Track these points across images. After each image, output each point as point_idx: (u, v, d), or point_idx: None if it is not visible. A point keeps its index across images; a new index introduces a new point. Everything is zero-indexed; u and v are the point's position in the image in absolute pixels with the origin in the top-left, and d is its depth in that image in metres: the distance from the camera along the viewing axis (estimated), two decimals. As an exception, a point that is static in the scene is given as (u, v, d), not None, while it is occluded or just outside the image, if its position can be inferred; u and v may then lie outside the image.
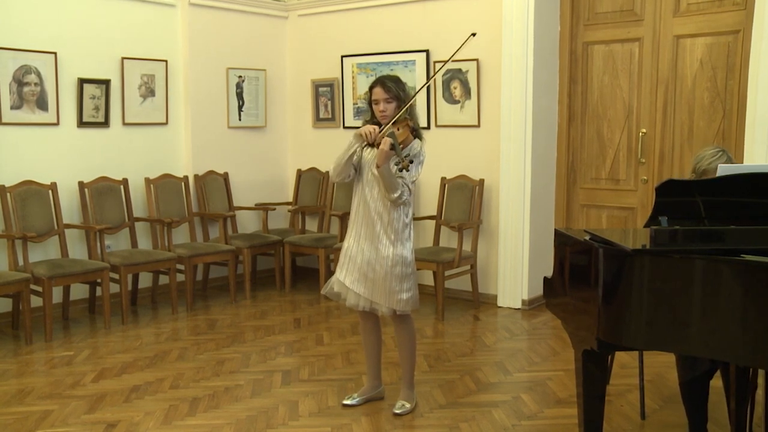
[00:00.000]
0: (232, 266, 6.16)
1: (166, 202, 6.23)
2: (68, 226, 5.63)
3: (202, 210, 6.54)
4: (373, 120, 3.66)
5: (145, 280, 6.23)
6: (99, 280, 5.45)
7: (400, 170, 3.30)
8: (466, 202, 6.06)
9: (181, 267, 5.96)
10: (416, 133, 3.64)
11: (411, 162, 3.34)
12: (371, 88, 3.64)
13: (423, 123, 6.36)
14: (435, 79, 6.25)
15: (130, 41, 6.18)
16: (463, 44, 3.70)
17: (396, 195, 3.50)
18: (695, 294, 2.51)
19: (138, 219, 6.06)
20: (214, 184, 6.67)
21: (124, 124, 6.15)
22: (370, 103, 3.66)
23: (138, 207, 6.19)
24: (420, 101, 6.40)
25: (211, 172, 6.68)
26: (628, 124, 5.78)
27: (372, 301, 3.67)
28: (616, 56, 5.79)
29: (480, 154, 6.15)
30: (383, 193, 3.53)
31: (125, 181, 6.01)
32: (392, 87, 3.60)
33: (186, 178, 6.45)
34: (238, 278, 6.54)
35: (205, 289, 6.61)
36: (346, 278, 3.71)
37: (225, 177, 6.78)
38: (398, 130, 3.51)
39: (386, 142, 3.32)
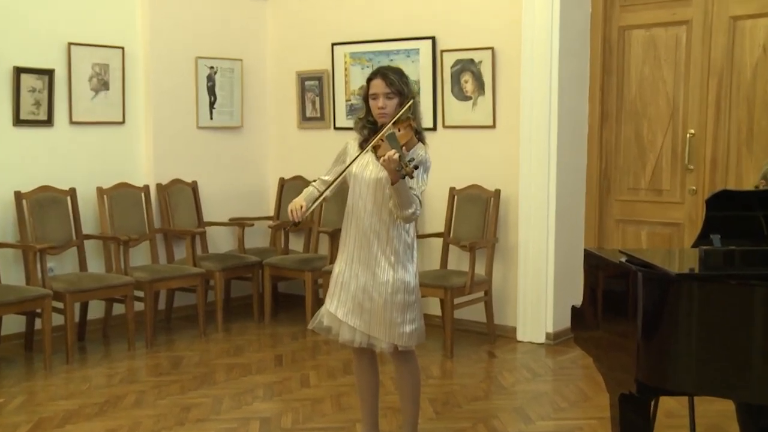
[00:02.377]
0: (202, 293, 6.18)
1: (123, 217, 6.24)
2: (1, 245, 5.62)
3: (165, 226, 6.56)
4: (368, 119, 3.70)
5: (95, 310, 6.18)
6: (39, 311, 5.39)
7: (403, 177, 3.35)
8: (479, 216, 6.08)
9: (140, 294, 5.93)
10: (420, 135, 3.67)
11: (416, 168, 3.36)
12: (369, 80, 3.67)
13: (428, 123, 6.39)
14: (442, 70, 6.29)
15: (79, 24, 6.16)
16: (406, 107, 3.60)
17: (410, 211, 3.52)
18: (757, 328, 2.50)
19: (88, 237, 6.06)
20: (180, 195, 6.69)
21: (72, 122, 6.14)
22: (366, 97, 3.69)
23: (88, 222, 6.18)
24: (424, 98, 6.42)
25: (176, 181, 6.70)
26: (672, 123, 5.79)
27: (369, 335, 3.69)
28: (659, 43, 5.81)
29: (495, 160, 6.17)
30: (395, 210, 3.55)
31: (72, 192, 6.00)
32: (395, 80, 3.62)
33: (146, 187, 6.47)
34: (208, 307, 6.49)
35: (168, 320, 6.60)
36: (339, 309, 3.72)
37: (193, 187, 6.80)
38: (399, 131, 3.54)
39: (393, 154, 3.34)
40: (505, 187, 6.10)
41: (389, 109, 3.62)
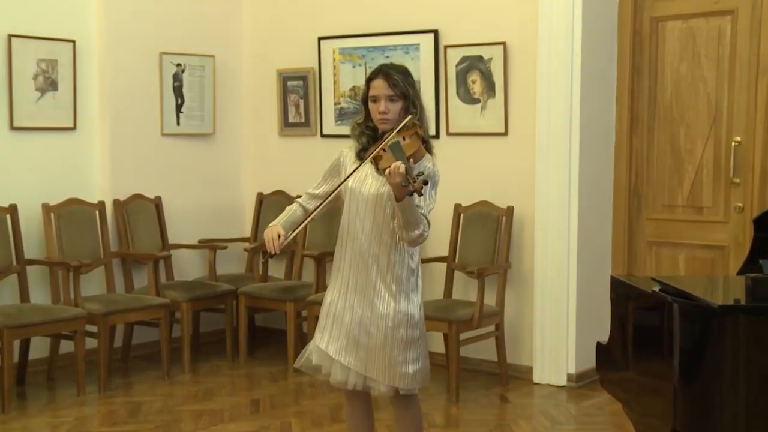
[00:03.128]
0: (166, 327, 6.15)
1: (73, 238, 6.21)
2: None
3: (123, 249, 6.54)
4: (367, 124, 3.73)
5: (39, 348, 6.09)
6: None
7: (410, 194, 3.36)
8: (488, 238, 6.08)
9: (93, 329, 5.88)
10: (427, 145, 3.70)
11: (425, 183, 3.38)
12: (370, 79, 3.70)
13: (431, 130, 6.25)
14: (446, 69, 6.31)
15: (22, 12, 6.14)
16: (402, 125, 3.65)
17: (417, 232, 3.54)
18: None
19: (31, 261, 6.03)
20: (141, 212, 6.68)
21: (12, 128, 6.14)
22: (365, 99, 3.72)
23: (32, 245, 6.16)
24: (426, 101, 6.27)
25: (137, 197, 6.69)
26: (715, 130, 5.78)
27: (366, 376, 3.70)
28: (699, 36, 5.82)
29: (508, 173, 6.17)
30: (399, 232, 3.57)
31: (13, 209, 5.98)
32: (399, 80, 3.65)
33: (101, 204, 6.46)
34: (173, 344, 6.42)
35: (125, 359, 6.56)
36: (330, 345, 3.74)
37: (157, 203, 6.80)
38: (404, 139, 3.56)
39: (399, 167, 3.36)
40: (518, 204, 6.10)
41: (392, 114, 3.65)
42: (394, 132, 3.59)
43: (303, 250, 6.78)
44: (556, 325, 5.95)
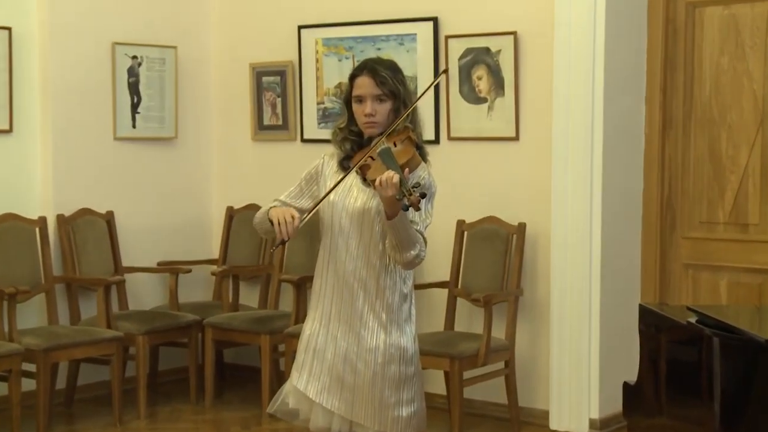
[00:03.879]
0: (118, 365, 6.12)
1: (9, 260, 6.19)
2: None
3: (69, 273, 6.52)
4: (350, 128, 3.75)
5: (-32, 389, 6.07)
6: None
7: (406, 209, 3.38)
8: (496, 260, 6.08)
9: (32, 368, 5.83)
10: (422, 152, 3.73)
11: (422, 196, 3.40)
12: (353, 77, 3.73)
13: (429, 134, 6.30)
14: (447, 63, 6.31)
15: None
16: (432, 84, 3.92)
17: (413, 253, 3.56)
18: None
19: (-41, 287, 5.96)
20: (89, 230, 6.66)
21: (-63, 131, 6.19)
22: (348, 100, 3.75)
23: (-40, 267, 6.13)
24: (423, 100, 6.26)
25: (85, 212, 6.67)
26: (762, 133, 5.76)
27: (352, 420, 3.70)
28: (743, 24, 5.78)
29: (519, 184, 6.18)
30: (393, 253, 3.59)
31: (-62, 225, 5.99)
32: (388, 77, 3.68)
33: (42, 220, 6.44)
34: (126, 384, 6.37)
35: (70, 403, 6.49)
36: (310, 386, 3.74)
37: (108, 219, 6.77)
38: (396, 145, 3.59)
39: (392, 177, 3.39)
40: (532, 220, 6.09)
41: (380, 116, 3.67)
42: (384, 137, 3.60)
43: (280, 273, 6.77)
44: (577, 362, 5.92)
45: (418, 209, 3.38)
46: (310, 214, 3.65)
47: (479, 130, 6.29)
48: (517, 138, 6.19)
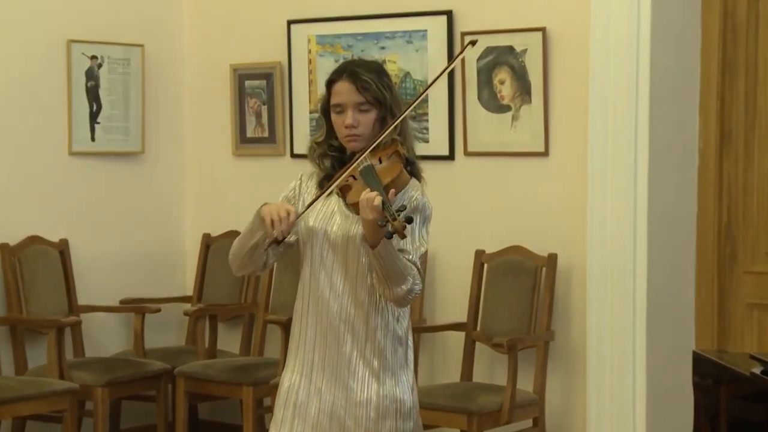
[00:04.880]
0: (73, 422, 6.09)
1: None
2: None
3: (14, 313, 6.52)
4: (330, 143, 3.78)
5: None
6: None
7: (389, 236, 3.37)
8: (522, 298, 6.10)
9: (-30, 424, 5.84)
10: (412, 168, 3.75)
11: (408, 221, 3.36)
12: (331, 82, 3.76)
13: (441, 148, 6.44)
14: (464, 64, 6.27)
15: None
16: (459, 55, 3.73)
17: (405, 287, 3.54)
18: None
19: None
20: (39, 262, 6.67)
21: None
22: (326, 110, 3.78)
23: None
24: (436, 108, 6.43)
25: (34, 240, 6.69)
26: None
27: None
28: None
29: (549, 208, 6.19)
30: (380, 288, 3.58)
31: None
32: (371, 82, 3.70)
33: (-17, 250, 6.45)
34: (83, 445, 6.48)
35: (16, 467, 6.54)
36: (290, 447, 3.74)
37: (62, 249, 6.79)
38: (381, 162, 3.62)
39: (374, 199, 3.40)
40: (564, 250, 6.12)
41: (363, 128, 3.67)
42: (366, 152, 3.59)
43: (266, 313, 6.78)
44: (619, 419, 5.89)
45: (403, 236, 3.34)
46: (307, 209, 3.66)
47: (501, 144, 6.29)
48: (546, 153, 6.19)
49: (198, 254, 7.26)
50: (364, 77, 3.65)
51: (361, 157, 3.58)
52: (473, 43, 3.91)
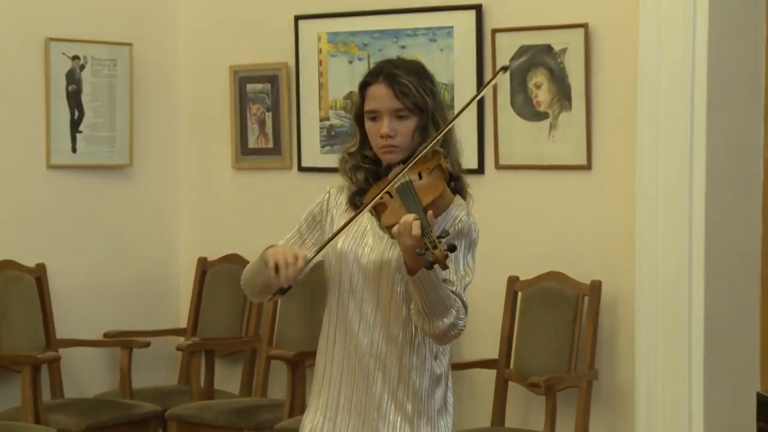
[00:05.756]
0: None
1: None
2: None
3: (-16, 347, 6.47)
4: (364, 153, 3.75)
5: None
6: None
7: (429, 266, 3.33)
8: (562, 331, 6.11)
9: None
10: (458, 185, 3.73)
11: (451, 249, 3.33)
12: (365, 85, 3.74)
13: (470, 161, 6.35)
14: (495, 66, 6.29)
15: None
16: (490, 81, 4.07)
17: (448, 322, 3.49)
18: None
19: None
20: (13, 289, 6.68)
21: None
22: (359, 116, 3.75)
23: None
24: (463, 116, 6.27)
25: (7, 265, 6.71)
26: None
27: None
28: None
29: (592, 229, 6.21)
30: (419, 322, 3.55)
31: None
32: (411, 86, 3.67)
33: (-51, 276, 6.43)
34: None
35: None
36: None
37: (39, 275, 6.81)
38: (421, 178, 3.60)
39: (411, 225, 3.33)
40: (609, 277, 6.12)
41: (401, 138, 3.65)
42: (404, 167, 3.56)
43: (270, 348, 6.76)
44: (671, 470, 5.86)
45: (445, 267, 3.32)
46: (318, 254, 3.61)
47: (538, 156, 6.30)
48: (588, 166, 6.20)
49: (193, 281, 7.26)
50: (403, 80, 3.62)
51: (398, 172, 3.56)
52: (505, 69, 3.89)
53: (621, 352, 6.08)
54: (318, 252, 3.60)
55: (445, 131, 3.60)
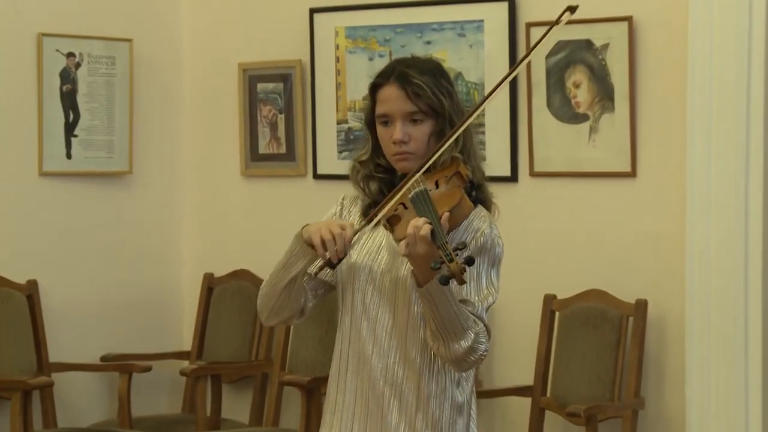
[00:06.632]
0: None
1: None
2: None
3: (-30, 372, 6.51)
4: (376, 161, 3.78)
5: None
6: None
7: (444, 281, 3.32)
8: (603, 356, 6.11)
9: None
10: (480, 193, 3.73)
11: (469, 262, 3.31)
12: (376, 86, 3.75)
13: (501, 168, 6.42)
14: (530, 63, 6.26)
15: None
16: (553, 27, 3.78)
17: (465, 345, 3.48)
18: None
19: None
20: (1, 308, 6.71)
21: None
22: (370, 120, 3.77)
23: None
24: (494, 118, 6.43)
25: None
26: None
27: None
28: None
29: (636, 242, 6.21)
30: (434, 344, 3.54)
31: None
32: (425, 86, 3.68)
33: (-67, 293, 6.47)
34: None
35: None
36: None
37: (30, 293, 6.84)
38: (437, 186, 3.60)
39: (420, 228, 3.35)
40: (656, 296, 6.13)
41: (416, 144, 3.66)
42: (418, 173, 3.56)
43: (282, 373, 6.78)
44: None
45: (462, 282, 3.30)
46: (365, 227, 3.62)
47: (577, 162, 6.32)
48: (633, 173, 6.21)
49: (198, 299, 7.28)
50: (417, 80, 3.62)
51: (412, 180, 3.54)
52: (572, 9, 3.76)
53: (669, 378, 6.07)
54: (362, 227, 3.61)
55: (458, 132, 3.59)
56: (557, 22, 3.67)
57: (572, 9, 3.77)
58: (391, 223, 3.53)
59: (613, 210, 6.22)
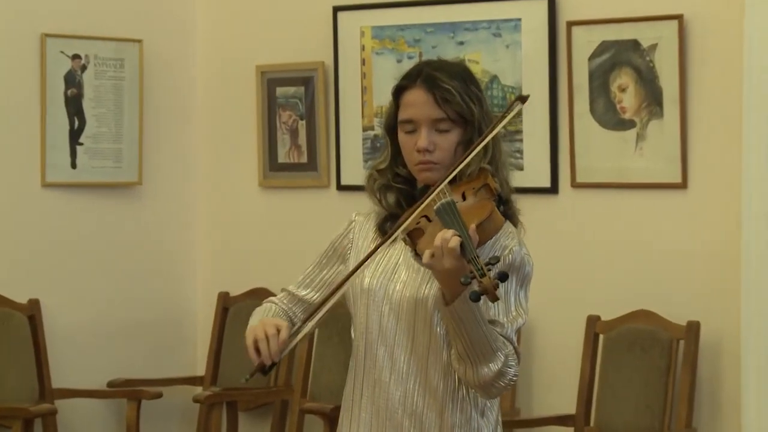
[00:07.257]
0: None
1: None
2: None
3: (-31, 398, 6.54)
4: (396, 171, 3.77)
5: None
6: None
7: (476, 298, 3.30)
8: (652, 381, 6.11)
9: None
10: (507, 208, 3.73)
11: (502, 278, 3.31)
12: (400, 89, 3.75)
13: (540, 179, 6.42)
14: (571, 65, 6.31)
15: None
16: (506, 113, 3.74)
17: (494, 368, 3.46)
18: None
19: None
20: (1, 330, 6.75)
21: None
22: (391, 126, 3.76)
23: None
24: (533, 123, 6.42)
25: None
26: None
27: None
28: None
29: (688, 258, 6.22)
30: (460, 368, 3.53)
31: None
32: (454, 91, 3.66)
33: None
34: None
35: None
36: None
37: (32, 314, 6.86)
38: (464, 198, 3.60)
39: (449, 240, 3.34)
40: (709, 317, 6.12)
41: (441, 153, 3.65)
42: (443, 183, 3.54)
43: (303, 401, 6.82)
44: None
45: (495, 299, 3.28)
46: (316, 320, 3.61)
47: (623, 172, 6.32)
48: (684, 185, 6.21)
49: (213, 320, 7.31)
50: (446, 85, 3.59)
51: (437, 191, 3.50)
52: (523, 99, 3.76)
53: (724, 406, 6.06)
54: (312, 315, 3.62)
55: (487, 140, 3.55)
56: (508, 110, 3.63)
57: (523, 99, 3.75)
58: (412, 237, 3.52)
59: (662, 224, 6.22)
